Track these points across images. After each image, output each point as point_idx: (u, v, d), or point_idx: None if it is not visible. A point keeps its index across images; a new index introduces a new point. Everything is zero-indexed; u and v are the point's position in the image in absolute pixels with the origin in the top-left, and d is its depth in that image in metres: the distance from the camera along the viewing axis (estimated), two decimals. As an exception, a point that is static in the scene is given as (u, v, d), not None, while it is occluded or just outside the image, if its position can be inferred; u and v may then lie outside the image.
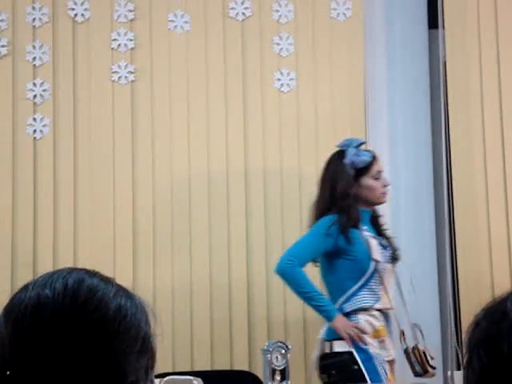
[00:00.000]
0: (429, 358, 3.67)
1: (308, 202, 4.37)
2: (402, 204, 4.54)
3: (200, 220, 4.35)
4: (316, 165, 4.41)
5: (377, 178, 3.72)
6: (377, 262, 3.64)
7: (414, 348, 3.69)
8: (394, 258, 3.72)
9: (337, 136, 4.45)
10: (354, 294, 3.64)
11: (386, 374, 3.65)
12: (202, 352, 4.26)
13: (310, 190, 4.39)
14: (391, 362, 3.71)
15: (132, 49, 4.44)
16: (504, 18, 4.52)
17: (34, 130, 4.35)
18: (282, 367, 3.52)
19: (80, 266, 1.23)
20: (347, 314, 3.67)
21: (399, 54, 4.61)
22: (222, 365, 4.26)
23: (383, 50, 4.60)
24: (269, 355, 3.52)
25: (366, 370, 3.63)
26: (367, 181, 3.69)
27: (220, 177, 4.39)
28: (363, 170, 3.69)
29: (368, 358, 3.65)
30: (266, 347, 3.55)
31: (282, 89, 4.49)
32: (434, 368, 3.67)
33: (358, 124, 4.48)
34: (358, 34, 4.54)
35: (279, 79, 4.49)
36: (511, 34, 4.52)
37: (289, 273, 3.63)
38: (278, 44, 4.51)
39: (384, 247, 3.70)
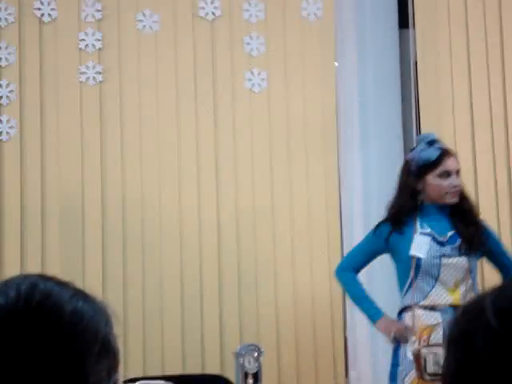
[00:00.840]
0: (430, 364, 3.59)
1: (280, 202, 4.34)
2: (373, 199, 4.52)
3: (170, 223, 4.30)
4: (288, 164, 4.39)
5: (443, 177, 3.63)
6: (417, 259, 3.58)
7: (418, 350, 3.61)
8: (464, 251, 3.62)
9: (308, 135, 4.43)
10: (405, 293, 3.64)
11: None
12: (173, 356, 4.21)
13: (282, 190, 4.36)
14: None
15: (100, 49, 4.39)
16: (474, 18, 4.53)
17: (1, 132, 4.28)
18: (255, 371, 3.49)
19: (49, 271, 1.20)
20: (399, 314, 3.68)
21: (370, 53, 4.60)
22: (193, 368, 4.21)
23: (354, 50, 4.58)
24: (241, 359, 3.48)
25: (389, 373, 3.66)
26: (431, 179, 3.62)
27: (191, 175, 4.35)
28: (428, 167, 3.61)
29: (395, 363, 3.65)
30: (238, 350, 3.51)
31: (253, 89, 4.45)
32: (434, 375, 3.55)
33: (329, 124, 4.46)
34: (328, 34, 4.52)
35: (250, 79, 4.46)
36: (481, 34, 4.53)
37: (339, 278, 3.74)
38: (249, 44, 4.48)
39: (441, 243, 3.62)
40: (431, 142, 3.64)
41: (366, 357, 4.33)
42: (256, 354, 3.50)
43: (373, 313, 3.65)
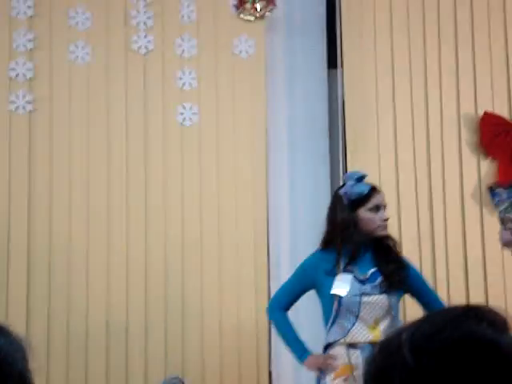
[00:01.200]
0: None
1: (209, 236, 4.37)
2: (301, 236, 4.57)
3: (98, 260, 4.27)
4: (218, 196, 4.42)
5: (374, 211, 3.72)
6: (339, 297, 3.66)
7: None
8: (385, 289, 3.70)
9: (238, 169, 4.47)
10: (329, 330, 3.71)
11: None
12: (97, 389, 4.16)
13: (211, 224, 4.39)
14: None
15: (31, 79, 4.37)
16: (400, 59, 4.67)
17: None
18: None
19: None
20: (324, 350, 3.75)
21: (300, 92, 4.69)
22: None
23: (284, 88, 4.67)
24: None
25: None
26: (363, 213, 3.71)
27: (119, 210, 4.34)
28: (359, 202, 3.71)
29: None
30: (161, 383, 3.50)
31: (185, 122, 4.49)
32: None
33: (260, 161, 4.51)
34: (259, 72, 4.59)
35: (182, 113, 4.50)
36: (406, 75, 4.67)
37: (270, 317, 3.80)
38: (181, 78, 4.52)
39: (362, 281, 3.70)
40: (360, 179, 3.74)
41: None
42: (180, 387, 3.49)
43: (301, 354, 3.73)
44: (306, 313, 4.25)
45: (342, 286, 3.66)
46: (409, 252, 4.49)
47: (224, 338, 4.27)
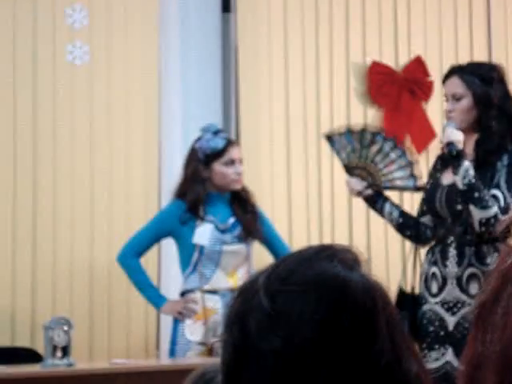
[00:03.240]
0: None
1: (100, 172, 4.34)
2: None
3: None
4: (108, 137, 4.38)
5: (229, 165, 3.77)
6: (200, 246, 3.76)
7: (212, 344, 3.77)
8: (244, 238, 3.82)
9: (129, 110, 4.44)
10: (187, 277, 3.80)
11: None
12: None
13: (103, 163, 4.36)
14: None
15: None
16: (292, 8, 4.70)
17: None
18: (64, 344, 3.49)
19: None
20: (181, 296, 3.86)
21: (193, 36, 4.66)
22: (2, 341, 4.14)
23: (177, 32, 4.63)
24: (50, 332, 3.47)
25: (169, 350, 3.85)
26: (218, 167, 3.77)
27: (6, 150, 4.26)
28: (214, 156, 3.76)
29: (174, 341, 3.82)
30: (47, 324, 3.51)
31: (75, 62, 4.40)
32: None
33: (152, 103, 4.49)
34: (152, 12, 4.53)
35: (72, 52, 4.41)
36: (298, 23, 4.71)
37: (123, 263, 3.83)
38: (71, 16, 4.42)
39: (222, 231, 3.79)
40: (216, 132, 3.81)
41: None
42: (66, 328, 3.50)
43: (157, 300, 3.84)
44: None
45: (203, 235, 3.77)
46: (297, 193, 4.61)
47: (113, 278, 4.27)
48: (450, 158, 3.24)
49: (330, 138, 3.63)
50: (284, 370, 1.03)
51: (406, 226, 3.45)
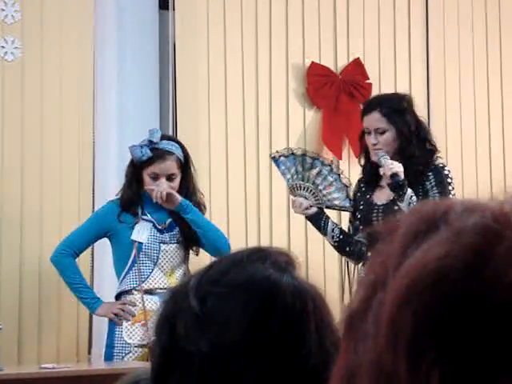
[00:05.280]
0: None
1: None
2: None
3: None
4: (40, 136, 4.27)
5: (152, 178, 3.73)
6: (138, 244, 3.74)
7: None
8: (181, 239, 3.80)
9: (63, 108, 4.35)
10: (123, 278, 3.77)
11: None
12: None
13: (34, 166, 4.26)
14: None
15: None
16: (231, 8, 4.66)
17: None
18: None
19: None
20: (117, 298, 3.81)
21: (130, 33, 4.59)
22: None
23: (114, 28, 4.55)
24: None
25: (105, 354, 3.80)
26: (144, 175, 3.77)
27: None
28: (140, 164, 3.74)
29: (111, 344, 3.77)
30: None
31: (6, 57, 4.29)
32: None
33: (87, 102, 4.40)
34: (87, 9, 4.44)
35: (3, 47, 4.29)
36: (237, 24, 4.67)
37: (57, 263, 3.77)
38: (3, 10, 4.30)
39: (160, 230, 3.77)
40: (151, 142, 3.76)
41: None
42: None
43: (92, 302, 3.80)
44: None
45: (142, 232, 3.75)
46: (236, 193, 4.56)
47: (44, 277, 4.16)
48: (395, 187, 3.50)
49: (275, 160, 3.88)
50: (211, 373, 1.01)
51: (346, 243, 3.72)
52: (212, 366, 1.01)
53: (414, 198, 3.48)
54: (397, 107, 3.67)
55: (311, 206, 3.74)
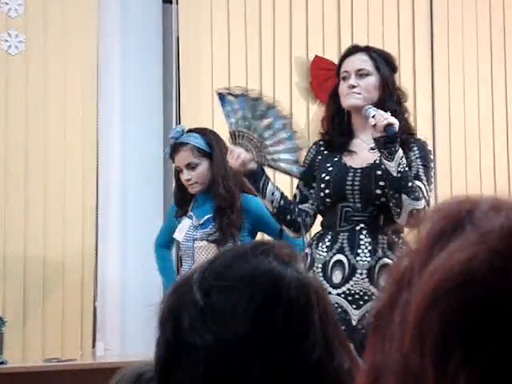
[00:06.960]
0: None
1: (35, 169, 4.24)
2: (131, 179, 4.52)
3: None
4: (44, 130, 4.28)
5: (179, 172, 3.72)
6: (178, 241, 3.77)
7: None
8: (215, 237, 3.69)
9: (67, 102, 4.35)
10: (178, 273, 3.88)
11: None
12: None
13: (39, 158, 4.27)
14: None
15: None
16: (235, 1, 4.66)
17: None
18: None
19: None
20: None
21: (133, 27, 4.59)
22: None
23: (117, 22, 4.55)
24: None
25: None
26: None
27: None
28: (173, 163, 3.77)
29: None
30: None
31: (10, 51, 4.29)
32: None
33: (90, 94, 4.40)
34: (91, 3, 4.44)
35: (7, 40, 4.29)
36: (241, 16, 4.67)
37: (155, 253, 3.90)
38: (7, 4, 4.30)
39: (195, 227, 3.71)
40: (171, 138, 3.76)
41: (115, 328, 4.33)
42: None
43: None
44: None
45: (182, 230, 3.77)
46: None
47: (48, 271, 4.17)
48: (387, 142, 2.94)
49: (221, 97, 3.20)
50: (216, 366, 1.02)
51: (287, 210, 3.14)
52: (217, 359, 1.01)
53: (404, 160, 2.97)
54: (387, 57, 3.17)
55: (251, 161, 3.12)
